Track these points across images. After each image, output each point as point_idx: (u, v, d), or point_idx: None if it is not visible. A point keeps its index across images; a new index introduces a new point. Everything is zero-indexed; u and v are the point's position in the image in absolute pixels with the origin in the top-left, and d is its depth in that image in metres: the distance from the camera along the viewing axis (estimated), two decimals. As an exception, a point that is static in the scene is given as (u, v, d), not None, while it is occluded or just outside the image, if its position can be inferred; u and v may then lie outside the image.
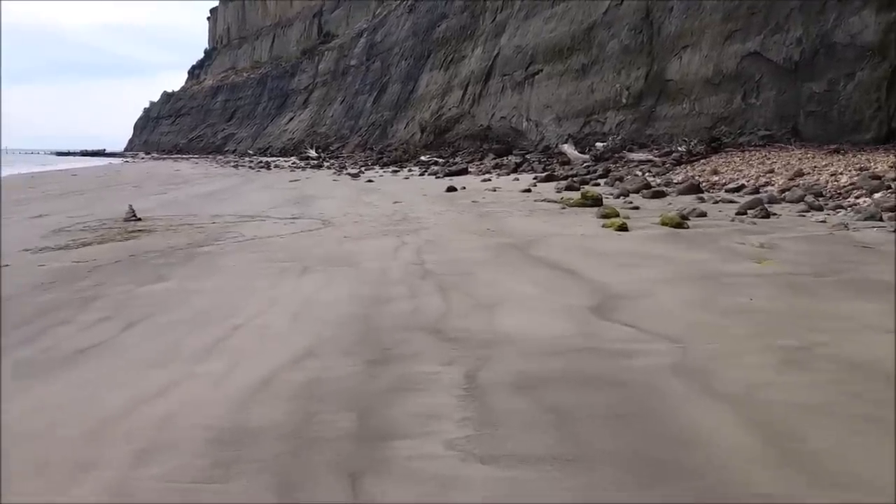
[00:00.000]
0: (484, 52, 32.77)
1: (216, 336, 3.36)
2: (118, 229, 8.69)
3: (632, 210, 9.18)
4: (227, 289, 4.59)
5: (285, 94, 67.70)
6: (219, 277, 5.03)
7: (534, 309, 3.77)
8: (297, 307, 3.95)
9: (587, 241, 6.43)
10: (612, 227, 7.30)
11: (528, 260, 5.46)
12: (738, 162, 13.92)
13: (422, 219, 9.05)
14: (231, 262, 5.75)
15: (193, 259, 6.01)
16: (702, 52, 18.32)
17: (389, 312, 3.76)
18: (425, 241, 6.81)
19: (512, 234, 7.16)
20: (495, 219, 8.71)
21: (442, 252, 6.03)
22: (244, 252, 6.37)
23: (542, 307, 3.80)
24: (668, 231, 7.01)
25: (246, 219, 9.74)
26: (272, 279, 4.88)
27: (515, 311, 3.74)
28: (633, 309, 3.70)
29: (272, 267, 5.42)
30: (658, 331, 3.25)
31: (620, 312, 3.63)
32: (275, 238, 7.38)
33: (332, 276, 4.93)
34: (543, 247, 6.11)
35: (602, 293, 4.09)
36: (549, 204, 10.51)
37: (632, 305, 3.77)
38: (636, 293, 4.05)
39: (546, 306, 3.82)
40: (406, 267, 5.27)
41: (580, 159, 18.86)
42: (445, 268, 5.17)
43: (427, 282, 4.60)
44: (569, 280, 4.53)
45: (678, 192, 11.02)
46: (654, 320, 3.45)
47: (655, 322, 3.41)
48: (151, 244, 7.16)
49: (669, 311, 3.65)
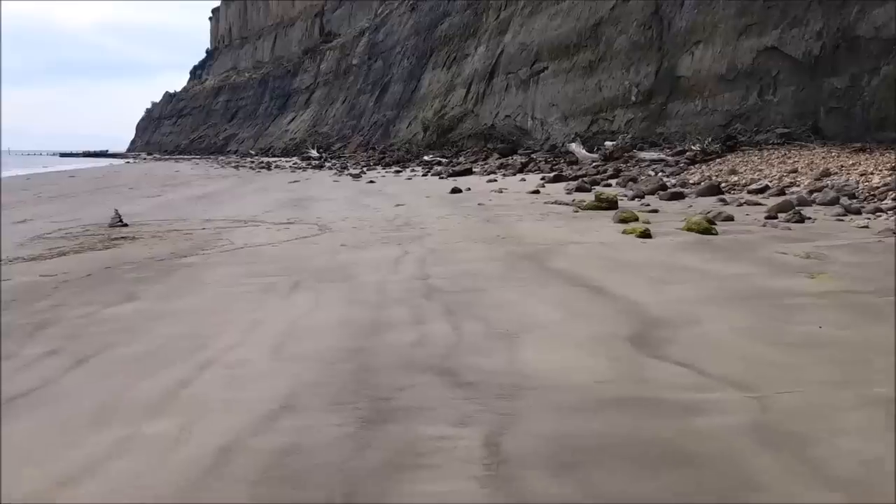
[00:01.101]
0: (487, 49, 32.16)
1: (177, 379, 2.76)
2: (100, 236, 8.12)
3: (650, 213, 8.56)
4: (203, 311, 3.99)
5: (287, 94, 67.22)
6: (197, 296, 4.44)
7: (561, 340, 3.15)
8: (279, 337, 3.35)
9: (609, 250, 5.81)
10: (634, 233, 6.69)
11: (545, 274, 4.85)
12: (756, 161, 13.28)
13: (425, 224, 8.45)
14: (214, 277, 5.16)
15: (173, 273, 5.42)
16: (715, 48, 17.67)
17: (388, 344, 3.15)
18: (429, 250, 6.21)
19: (524, 241, 6.55)
20: (504, 224, 8.10)
21: (448, 264, 5.42)
22: (230, 264, 5.78)
23: (571, 337, 3.19)
24: (696, 238, 6.39)
25: (238, 224, 9.16)
26: (256, 299, 4.28)
27: (540, 342, 3.12)
28: (682, 340, 3.08)
29: (258, 283, 4.82)
30: (720, 373, 2.63)
31: (667, 345, 3.01)
32: (266, 247, 6.79)
33: (324, 295, 4.33)
34: (561, 257, 5.50)
35: (639, 318, 3.47)
36: (561, 207, 9.89)
37: (679, 335, 3.16)
38: (680, 318, 3.43)
39: (576, 336, 3.20)
40: (408, 282, 4.66)
41: (589, 159, 18.24)
42: (453, 284, 4.56)
43: (433, 302, 3.99)
44: (597, 300, 3.91)
45: (697, 194, 10.39)
46: (710, 357, 2.83)
47: (713, 359, 2.80)
48: (132, 254, 6.57)
49: (726, 343, 3.04)
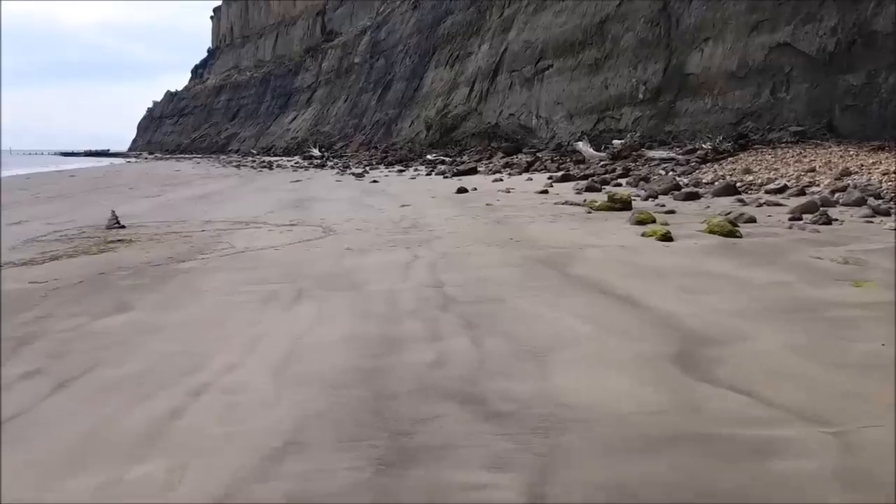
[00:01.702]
0: (491, 47, 31.83)
1: (168, 408, 2.44)
2: (96, 239, 7.81)
3: (667, 214, 8.24)
4: (200, 324, 3.67)
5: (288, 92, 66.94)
6: (193, 306, 4.12)
7: (598, 359, 2.83)
8: (281, 356, 3.03)
9: (630, 254, 5.49)
10: (654, 236, 6.36)
11: (567, 281, 4.53)
12: (770, 160, 12.94)
13: (433, 225, 8.13)
14: (212, 284, 4.84)
15: (170, 280, 5.10)
16: (725, 45, 17.32)
17: (404, 365, 2.83)
18: (440, 254, 5.89)
19: (539, 244, 6.23)
20: (516, 226, 7.78)
21: (461, 269, 5.10)
22: (230, 270, 5.46)
23: (607, 356, 2.86)
24: (720, 241, 6.07)
25: (239, 226, 8.85)
26: (256, 310, 3.96)
27: (574, 362, 2.80)
28: (732, 361, 2.76)
29: (259, 291, 4.51)
30: (786, 402, 2.31)
31: (717, 367, 2.69)
32: (268, 250, 6.47)
33: (330, 306, 4.01)
34: (581, 262, 5.17)
35: (679, 333, 3.15)
36: (573, 207, 9.57)
37: (728, 355, 2.83)
38: (724, 334, 3.11)
39: (613, 355, 2.88)
40: (420, 291, 4.35)
41: (596, 157, 17.90)
42: (469, 292, 4.24)
43: (449, 314, 3.67)
44: (628, 312, 3.59)
45: (713, 194, 10.06)
46: (770, 382, 2.51)
47: (774, 385, 2.48)
48: (127, 258, 6.26)
49: (783, 364, 2.72)
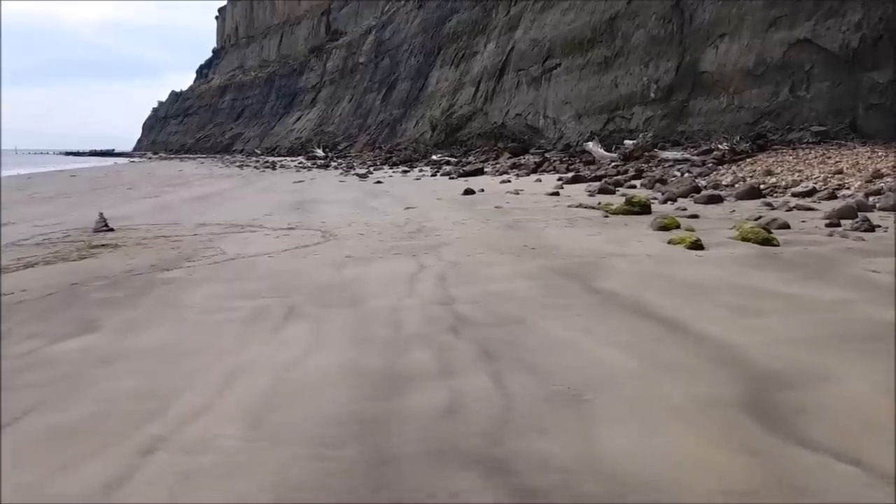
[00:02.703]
0: (497, 46, 31.29)
1: (106, 474, 1.91)
2: (80, 244, 7.31)
3: (691, 219, 7.69)
4: (170, 352, 3.14)
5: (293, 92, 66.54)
6: (167, 328, 3.59)
7: (650, 407, 2.28)
8: (260, 398, 2.49)
9: (662, 265, 4.94)
10: (683, 243, 5.81)
11: (595, 298, 3.98)
12: (792, 161, 12.35)
13: (440, 230, 7.59)
14: (194, 298, 4.32)
15: (148, 293, 4.58)
16: (741, 41, 16.73)
17: (409, 413, 2.29)
18: (449, 263, 5.35)
19: (557, 252, 5.69)
20: (530, 231, 7.23)
21: (473, 282, 4.56)
22: (217, 280, 4.94)
23: (662, 403, 2.32)
24: (757, 250, 5.51)
25: (234, 229, 8.33)
26: (239, 332, 3.43)
27: (622, 411, 2.25)
28: (820, 410, 2.21)
29: (246, 307, 3.98)
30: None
31: (804, 420, 2.14)
32: (261, 258, 5.95)
33: (324, 327, 3.48)
34: (607, 274, 4.63)
35: (744, 370, 2.60)
36: (587, 211, 9.02)
37: (812, 402, 2.28)
38: (800, 371, 2.56)
39: (668, 400, 2.33)
40: (428, 308, 3.81)
41: (607, 158, 17.34)
42: (484, 311, 3.70)
43: (462, 340, 3.13)
44: (677, 340, 3.04)
45: (736, 197, 9.49)
46: (878, 443, 1.97)
47: (884, 448, 1.93)
48: (108, 266, 5.75)
49: (885, 416, 2.17)
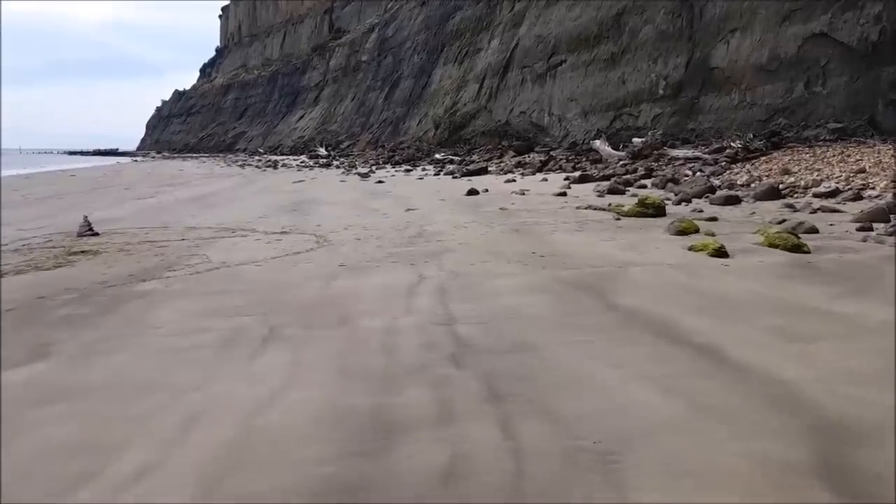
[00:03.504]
0: (501, 43, 30.79)
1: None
2: (59, 250, 6.88)
3: (708, 222, 7.21)
4: (125, 385, 2.70)
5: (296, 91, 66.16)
6: (128, 354, 3.15)
7: (704, 474, 1.82)
8: (222, 453, 2.04)
9: (686, 276, 4.47)
10: (706, 250, 5.35)
11: (615, 317, 3.52)
12: (809, 159, 11.85)
13: (442, 234, 7.14)
14: (166, 317, 3.87)
15: (117, 309, 4.14)
16: (753, 36, 16.21)
17: (401, 477, 1.84)
18: (450, 273, 4.90)
19: (569, 260, 5.23)
20: (537, 236, 6.77)
21: (477, 297, 4.11)
22: (195, 294, 4.49)
23: (717, 467, 1.85)
24: (788, 258, 5.04)
25: (225, 233, 7.90)
26: (209, 360, 2.98)
27: (667, 481, 1.79)
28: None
29: (222, 328, 3.53)
30: None
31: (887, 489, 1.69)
32: (248, 267, 5.51)
33: (307, 354, 3.03)
34: (628, 288, 4.17)
35: (809, 418, 2.14)
36: (598, 213, 8.55)
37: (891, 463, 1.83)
38: (878, 419, 2.10)
39: (725, 465, 1.87)
40: (427, 330, 3.36)
41: (615, 157, 16.85)
42: (490, 335, 3.25)
43: (466, 373, 2.68)
44: (717, 374, 2.58)
45: (755, 198, 9.00)
46: None
47: None
48: (82, 276, 5.31)
49: None
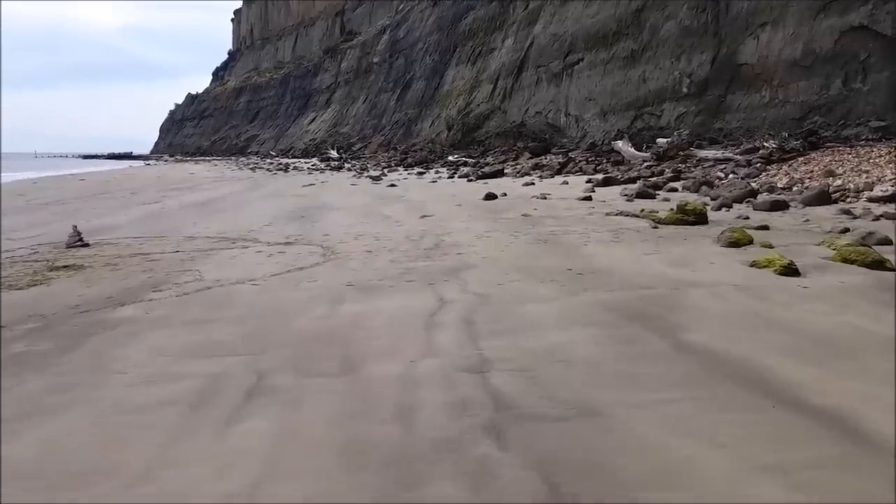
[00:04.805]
0: (515, 42, 30.06)
1: None
2: (42, 264, 6.25)
3: (759, 231, 6.46)
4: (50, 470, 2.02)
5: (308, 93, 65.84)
6: (72, 415, 2.47)
7: None
8: None
9: (759, 301, 3.73)
10: (772, 267, 4.60)
11: (690, 362, 2.80)
12: (853, 160, 11.02)
13: (461, 245, 6.44)
14: (135, 356, 3.20)
15: (82, 343, 3.47)
16: (786, 30, 15.36)
17: None
18: (476, 296, 4.19)
19: (611, 280, 4.50)
20: (569, 247, 6.05)
21: (511, 330, 3.40)
22: (177, 323, 3.82)
23: None
24: (873, 278, 4.29)
25: (224, 243, 7.25)
26: (171, 429, 2.30)
27: None
28: None
29: (197, 375, 2.85)
30: None
31: None
32: (243, 286, 4.83)
33: (298, 419, 2.34)
34: (691, 318, 3.43)
35: None
36: (632, 220, 7.81)
37: None
38: None
39: None
40: (453, 382, 2.66)
41: (638, 158, 16.07)
42: (533, 387, 2.54)
43: (511, 456, 1.97)
44: (860, 463, 1.87)
45: (803, 202, 8.22)
46: None
47: None
48: (55, 298, 4.67)
49: None
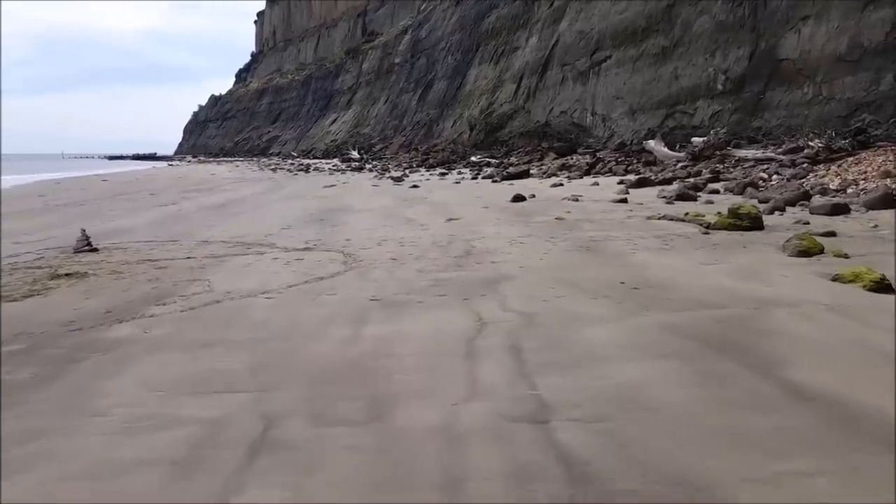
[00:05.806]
0: (540, 40, 29.39)
1: None
2: (45, 271, 5.84)
3: (825, 237, 5.81)
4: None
5: (329, 94, 65.77)
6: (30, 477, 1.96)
7: None
8: None
9: (863, 327, 3.12)
10: (860, 282, 3.98)
11: (804, 412, 2.21)
12: (911, 160, 10.23)
13: (494, 252, 5.88)
14: (120, 392, 2.69)
15: (66, 371, 2.98)
16: (830, 23, 14.54)
17: None
18: (520, 315, 3.63)
19: (673, 296, 3.91)
20: (616, 256, 5.45)
21: (569, 362, 2.83)
22: (177, 346, 3.31)
23: None
24: None
25: (239, 249, 6.78)
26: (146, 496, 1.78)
27: None
28: None
29: (192, 418, 2.33)
30: None
31: None
32: (256, 300, 4.33)
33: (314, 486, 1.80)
34: (787, 348, 2.84)
35: None
36: (678, 225, 7.18)
37: None
38: None
39: None
40: (509, 439, 2.11)
41: (672, 158, 15.36)
42: (613, 448, 1.99)
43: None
44: None
45: (866, 206, 7.52)
46: None
47: None
48: (50, 311, 4.21)
49: None
